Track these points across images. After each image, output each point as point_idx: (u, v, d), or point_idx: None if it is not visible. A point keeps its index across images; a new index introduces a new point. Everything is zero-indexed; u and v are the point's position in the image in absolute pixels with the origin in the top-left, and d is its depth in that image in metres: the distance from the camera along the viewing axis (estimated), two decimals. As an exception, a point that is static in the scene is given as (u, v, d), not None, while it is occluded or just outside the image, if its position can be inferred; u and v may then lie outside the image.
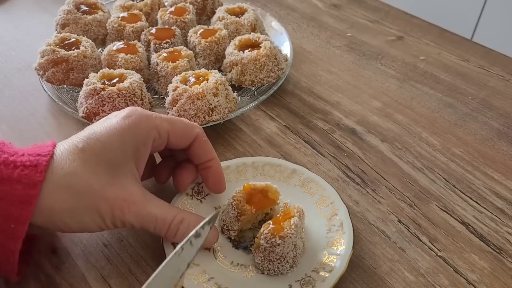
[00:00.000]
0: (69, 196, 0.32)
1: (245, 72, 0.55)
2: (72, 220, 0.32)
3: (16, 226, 0.30)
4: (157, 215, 0.35)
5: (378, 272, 0.39)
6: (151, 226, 0.35)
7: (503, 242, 0.41)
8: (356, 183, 0.46)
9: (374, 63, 0.63)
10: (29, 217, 0.30)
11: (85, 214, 0.32)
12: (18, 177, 0.30)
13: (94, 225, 0.33)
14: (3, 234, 0.30)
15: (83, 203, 0.32)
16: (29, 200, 0.30)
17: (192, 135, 0.38)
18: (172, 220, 0.35)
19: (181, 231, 0.35)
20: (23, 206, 0.30)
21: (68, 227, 0.33)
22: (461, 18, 0.67)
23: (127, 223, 0.34)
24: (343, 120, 0.54)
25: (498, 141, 0.51)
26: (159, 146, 0.38)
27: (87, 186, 0.32)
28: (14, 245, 0.31)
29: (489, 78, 0.61)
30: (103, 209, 0.33)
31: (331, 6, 0.76)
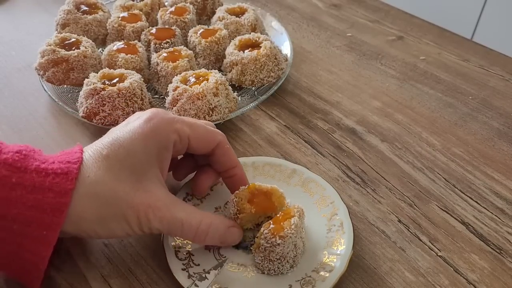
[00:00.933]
0: (97, 204, 0.32)
1: (245, 72, 0.55)
2: (101, 227, 0.33)
3: (48, 233, 0.31)
4: (182, 219, 0.35)
5: (378, 272, 0.39)
6: (178, 231, 0.35)
7: (503, 242, 0.41)
8: (356, 183, 0.46)
9: (374, 63, 0.63)
10: (60, 224, 0.31)
11: (112, 221, 0.33)
12: (49, 185, 0.31)
13: (122, 232, 0.34)
14: (36, 240, 0.31)
15: (110, 211, 0.33)
16: (61, 208, 0.31)
17: (214, 142, 0.38)
18: (199, 225, 0.35)
19: (210, 236, 0.36)
20: (55, 213, 0.31)
21: (97, 234, 0.34)
22: (461, 18, 0.67)
23: (154, 229, 0.34)
24: (343, 120, 0.54)
25: (498, 141, 0.51)
26: (179, 150, 0.38)
27: (112, 194, 0.33)
28: (46, 251, 0.31)
29: (489, 78, 0.61)
30: (129, 216, 0.33)
31: (331, 6, 0.76)
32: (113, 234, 0.34)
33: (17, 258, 0.32)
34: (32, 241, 0.31)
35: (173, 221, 0.34)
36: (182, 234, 0.36)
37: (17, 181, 0.31)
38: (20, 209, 0.30)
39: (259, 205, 0.38)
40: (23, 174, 0.31)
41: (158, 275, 0.38)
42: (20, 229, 0.31)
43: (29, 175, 0.31)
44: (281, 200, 0.39)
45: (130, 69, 0.52)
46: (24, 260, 0.32)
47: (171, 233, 0.36)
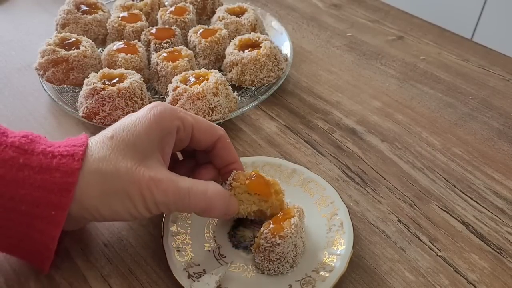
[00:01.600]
0: (99, 180, 0.32)
1: (245, 72, 0.55)
2: (103, 205, 0.33)
3: (57, 212, 0.31)
4: (189, 187, 0.34)
5: (378, 272, 0.39)
6: (185, 201, 0.34)
7: (503, 242, 0.41)
8: (356, 183, 0.46)
9: (374, 63, 0.63)
10: (68, 204, 0.31)
11: (115, 198, 0.33)
12: (56, 166, 0.31)
13: (125, 211, 0.33)
14: (44, 220, 0.31)
15: (112, 187, 0.32)
16: (68, 188, 0.31)
17: (216, 134, 0.39)
18: (206, 191, 0.34)
19: (218, 203, 0.35)
20: (62, 193, 0.31)
21: (100, 214, 0.33)
22: (461, 18, 0.67)
23: (160, 203, 0.33)
24: (343, 120, 0.54)
25: (498, 141, 0.51)
26: (183, 140, 0.38)
27: (115, 170, 0.32)
28: (54, 231, 0.32)
29: (489, 78, 0.61)
30: (132, 192, 0.33)
31: (331, 6, 0.76)
32: (116, 214, 0.33)
33: (26, 239, 0.32)
34: (41, 222, 0.31)
35: (179, 191, 0.34)
36: (190, 204, 0.34)
37: (24, 162, 0.31)
38: (28, 190, 0.31)
39: (254, 183, 0.37)
40: (30, 156, 0.31)
41: (158, 275, 0.38)
42: (28, 210, 0.31)
43: (36, 156, 0.32)
44: (279, 193, 0.38)
45: (130, 69, 0.52)
46: (34, 241, 0.32)
47: (178, 207, 0.34)
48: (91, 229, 0.42)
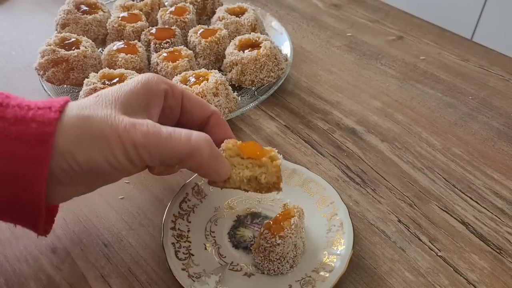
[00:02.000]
0: (76, 124, 0.30)
1: (245, 72, 0.55)
2: (79, 151, 0.30)
3: (37, 166, 0.29)
4: (171, 132, 0.31)
5: (378, 272, 0.39)
6: (168, 146, 0.31)
7: (503, 242, 0.41)
8: (356, 183, 0.46)
9: (374, 63, 0.63)
10: (47, 156, 0.29)
11: (92, 144, 0.30)
12: (32, 117, 0.30)
13: (103, 159, 0.30)
14: (26, 177, 0.30)
15: (89, 131, 0.30)
16: (45, 139, 0.29)
17: (208, 109, 0.37)
18: (190, 136, 0.31)
19: (205, 153, 0.32)
20: (40, 144, 0.29)
21: (76, 162, 0.30)
22: (461, 18, 0.67)
23: (140, 147, 0.30)
24: (343, 120, 0.54)
25: (498, 141, 0.51)
26: (173, 108, 0.36)
27: (93, 115, 0.31)
28: (38, 187, 0.30)
29: (489, 78, 0.61)
30: (110, 136, 0.30)
31: (331, 6, 0.76)
32: (94, 162, 0.30)
33: (14, 200, 0.31)
34: (23, 179, 0.30)
35: (160, 133, 0.31)
36: (173, 147, 0.31)
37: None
38: (3, 143, 0.29)
39: (247, 146, 0.35)
40: (5, 109, 0.30)
41: (158, 275, 0.38)
42: (8, 166, 0.29)
43: (11, 109, 0.30)
44: (275, 159, 0.35)
45: (130, 69, 0.52)
46: (21, 201, 0.31)
47: (160, 151, 0.31)
48: (90, 229, 0.42)
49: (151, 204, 0.44)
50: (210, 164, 0.32)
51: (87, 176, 0.32)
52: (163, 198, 0.44)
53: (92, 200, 0.44)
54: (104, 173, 0.32)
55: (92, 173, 0.31)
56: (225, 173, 0.34)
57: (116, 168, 0.31)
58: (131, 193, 0.45)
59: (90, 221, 0.42)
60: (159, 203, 0.44)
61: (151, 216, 0.43)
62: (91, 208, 0.44)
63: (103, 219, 0.43)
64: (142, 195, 0.45)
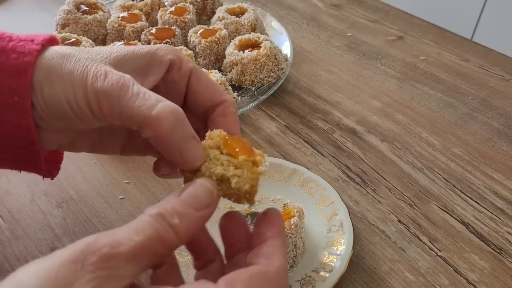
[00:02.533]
0: (52, 57, 0.29)
1: (245, 72, 0.55)
2: (47, 83, 0.28)
3: (20, 99, 0.28)
4: (141, 91, 0.27)
5: (378, 272, 0.39)
6: (128, 99, 0.27)
7: (503, 242, 0.41)
8: (356, 183, 0.46)
9: (374, 63, 0.63)
10: (27, 86, 0.28)
11: (59, 80, 0.28)
12: (12, 47, 0.29)
13: (64, 98, 0.28)
14: (12, 110, 0.28)
15: (61, 67, 0.28)
16: (25, 69, 0.28)
17: (220, 96, 0.32)
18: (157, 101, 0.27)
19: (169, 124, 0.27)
20: (20, 75, 0.28)
21: (42, 94, 0.28)
22: (461, 18, 0.67)
23: (100, 93, 0.27)
24: (343, 120, 0.54)
25: (498, 141, 0.51)
26: (177, 83, 0.31)
27: (74, 55, 0.29)
28: (25, 120, 0.29)
29: (489, 78, 0.61)
30: (76, 75, 0.28)
31: (331, 6, 0.76)
32: (56, 99, 0.28)
33: (8, 140, 0.30)
34: (11, 113, 0.29)
35: (127, 89, 0.27)
36: (134, 111, 0.27)
37: None
38: None
39: (232, 141, 0.29)
40: None
41: (158, 275, 0.38)
42: None
43: None
44: (258, 164, 0.28)
45: (130, 69, 0.52)
46: (16, 141, 0.30)
47: (121, 108, 0.27)
48: (90, 229, 0.42)
49: (151, 204, 0.43)
50: (173, 142, 0.27)
51: (54, 117, 0.29)
52: (162, 198, 0.44)
53: (92, 200, 0.44)
54: (66, 116, 0.29)
55: (56, 114, 0.29)
56: (193, 161, 0.28)
57: (76, 113, 0.28)
58: (131, 193, 0.45)
59: (90, 221, 0.42)
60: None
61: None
62: (91, 208, 0.44)
63: (103, 219, 0.43)
64: (142, 195, 0.45)
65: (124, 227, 0.23)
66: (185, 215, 0.25)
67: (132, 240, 0.22)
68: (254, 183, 0.27)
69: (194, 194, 0.26)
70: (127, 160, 0.48)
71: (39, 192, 0.45)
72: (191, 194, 0.26)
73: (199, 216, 0.25)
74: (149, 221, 0.24)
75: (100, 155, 0.49)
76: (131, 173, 0.47)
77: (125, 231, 0.23)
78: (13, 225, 0.42)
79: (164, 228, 0.24)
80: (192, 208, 0.25)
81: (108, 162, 0.48)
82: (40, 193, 0.45)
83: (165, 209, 0.24)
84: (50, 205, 0.44)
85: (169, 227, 0.24)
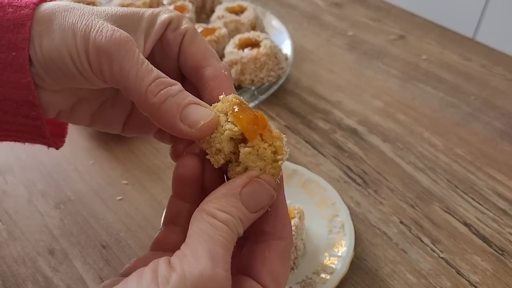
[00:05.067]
0: (53, 10, 0.28)
1: (245, 71, 0.54)
2: (47, 35, 0.27)
3: (18, 53, 0.27)
4: (134, 42, 0.26)
5: (379, 274, 0.38)
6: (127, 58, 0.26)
7: (505, 243, 0.41)
8: (358, 184, 0.46)
9: (376, 62, 0.63)
10: (26, 40, 0.27)
11: (60, 31, 0.27)
12: (9, 2, 0.28)
13: (66, 51, 0.27)
14: (10, 68, 0.27)
15: (63, 18, 0.28)
16: (22, 22, 0.27)
17: (210, 58, 0.29)
18: (157, 73, 0.26)
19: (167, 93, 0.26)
20: (18, 29, 0.27)
21: (41, 47, 0.27)
22: (463, 17, 0.67)
23: (101, 49, 0.26)
24: (344, 120, 0.54)
25: (500, 141, 0.51)
26: (170, 42, 0.30)
27: (75, 7, 0.28)
28: (24, 77, 0.27)
29: (492, 78, 0.60)
30: (78, 29, 0.27)
31: (332, 4, 0.76)
32: (57, 52, 0.27)
33: (8, 104, 0.28)
34: (9, 71, 0.27)
35: (128, 40, 0.26)
36: (136, 77, 0.26)
37: None
38: None
39: (245, 115, 0.26)
40: None
41: (157, 277, 0.38)
42: None
43: None
44: (277, 152, 0.26)
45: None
46: (15, 106, 0.28)
47: (121, 62, 0.26)
48: (88, 230, 0.41)
49: (149, 205, 0.44)
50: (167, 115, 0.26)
51: (53, 73, 0.28)
52: (161, 199, 0.44)
53: (90, 201, 0.44)
54: (66, 71, 0.27)
55: (55, 68, 0.27)
56: (196, 121, 0.25)
57: (77, 67, 0.27)
58: (129, 194, 0.45)
59: (88, 222, 0.42)
60: (157, 204, 0.44)
61: (150, 218, 0.42)
62: (89, 209, 0.43)
63: (101, 220, 0.42)
64: (140, 196, 0.45)
65: (204, 257, 0.22)
66: (246, 220, 0.24)
67: None
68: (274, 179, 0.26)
69: (256, 197, 0.25)
70: (125, 161, 0.48)
71: (36, 193, 0.45)
72: (253, 197, 0.25)
73: (255, 216, 0.25)
74: (226, 242, 0.23)
75: (98, 155, 0.48)
76: (129, 173, 0.47)
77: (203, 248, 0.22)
78: (11, 226, 0.42)
79: (233, 239, 0.24)
80: (253, 212, 0.25)
81: (106, 162, 0.48)
82: (38, 194, 0.45)
83: (231, 216, 0.24)
84: (47, 206, 0.44)
85: (236, 236, 0.24)
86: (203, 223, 0.23)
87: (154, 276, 0.21)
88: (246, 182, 0.25)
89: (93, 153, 0.49)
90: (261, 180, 0.25)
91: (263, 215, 0.26)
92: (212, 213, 0.24)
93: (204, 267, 0.22)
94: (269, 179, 0.26)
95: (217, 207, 0.24)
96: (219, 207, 0.24)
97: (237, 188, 0.25)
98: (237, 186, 0.25)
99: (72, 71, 0.27)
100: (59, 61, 0.27)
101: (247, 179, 0.25)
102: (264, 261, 0.26)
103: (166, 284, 0.21)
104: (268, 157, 0.25)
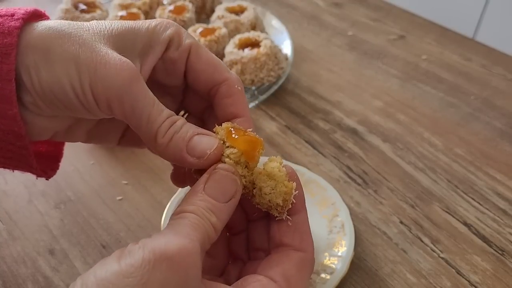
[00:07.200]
0: (47, 34, 0.26)
1: (245, 71, 0.54)
2: (46, 65, 0.26)
3: (3, 84, 0.25)
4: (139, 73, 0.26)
5: (379, 274, 0.38)
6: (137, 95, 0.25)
7: (505, 243, 0.41)
8: (358, 184, 0.46)
9: (376, 62, 0.63)
10: (11, 70, 0.25)
11: (61, 61, 0.25)
12: None
13: (68, 83, 0.25)
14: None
15: (62, 48, 0.26)
16: (7, 52, 0.25)
17: (221, 73, 0.29)
18: (164, 111, 0.26)
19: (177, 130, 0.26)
20: (1, 59, 0.25)
21: (39, 78, 0.26)
22: (463, 17, 0.67)
23: (112, 93, 0.25)
24: (344, 120, 0.54)
25: (500, 141, 0.51)
26: (174, 61, 0.29)
27: (71, 32, 0.26)
28: (11, 108, 0.26)
29: (492, 78, 0.60)
30: (82, 58, 0.25)
31: (332, 4, 0.75)
32: (57, 84, 0.26)
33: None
34: None
35: (130, 74, 0.25)
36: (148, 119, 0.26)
37: None
38: None
39: (242, 139, 0.27)
40: None
41: (157, 277, 0.37)
42: None
43: None
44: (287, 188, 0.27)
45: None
46: (4, 135, 0.27)
47: (134, 104, 0.25)
48: (88, 230, 0.41)
49: (149, 205, 0.44)
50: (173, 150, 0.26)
51: (52, 104, 0.26)
52: (161, 199, 0.44)
53: (90, 201, 0.44)
54: (68, 104, 0.26)
55: (55, 100, 0.26)
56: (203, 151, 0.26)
57: (78, 97, 0.26)
58: (130, 194, 0.45)
59: (88, 222, 0.42)
60: (157, 204, 0.44)
61: (150, 218, 0.42)
62: (89, 209, 0.43)
63: (101, 220, 0.42)
64: (141, 196, 0.45)
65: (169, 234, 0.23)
66: (219, 211, 0.25)
67: None
68: (287, 197, 0.27)
69: (220, 187, 0.25)
70: (125, 161, 0.48)
71: (36, 193, 0.45)
72: (217, 187, 0.25)
73: (228, 206, 0.25)
74: (194, 224, 0.23)
75: (98, 155, 0.48)
76: (129, 173, 0.47)
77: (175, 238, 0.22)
78: (11, 226, 0.42)
79: (204, 226, 0.24)
80: (223, 201, 0.25)
81: (106, 162, 0.48)
82: (38, 194, 0.45)
83: (198, 206, 0.24)
84: (47, 206, 0.44)
85: (211, 226, 0.24)
86: (172, 220, 0.24)
87: (121, 251, 0.22)
88: (207, 178, 0.26)
89: (93, 153, 0.49)
90: (218, 170, 0.26)
91: (283, 228, 0.27)
92: (181, 210, 0.24)
93: (169, 239, 0.22)
94: (227, 167, 0.26)
95: (184, 205, 0.24)
96: (186, 204, 0.24)
97: (200, 185, 0.25)
98: (200, 183, 0.25)
99: (74, 103, 0.26)
100: (60, 94, 0.26)
101: (207, 175, 0.26)
102: (279, 264, 0.26)
103: (128, 255, 0.22)
104: (278, 176, 0.26)
